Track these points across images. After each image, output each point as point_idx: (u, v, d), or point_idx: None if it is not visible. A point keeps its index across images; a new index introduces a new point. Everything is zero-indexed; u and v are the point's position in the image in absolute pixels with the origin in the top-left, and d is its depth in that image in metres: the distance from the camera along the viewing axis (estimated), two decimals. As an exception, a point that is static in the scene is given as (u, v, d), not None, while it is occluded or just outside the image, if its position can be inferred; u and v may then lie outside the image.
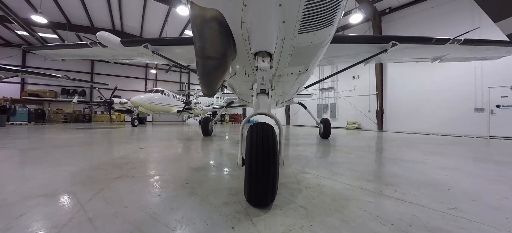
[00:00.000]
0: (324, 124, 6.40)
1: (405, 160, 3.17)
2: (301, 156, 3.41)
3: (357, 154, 3.63)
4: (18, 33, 17.85)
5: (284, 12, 1.53)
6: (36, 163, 2.71)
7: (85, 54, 6.96)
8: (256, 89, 1.63)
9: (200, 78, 2.68)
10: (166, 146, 4.30)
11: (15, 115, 13.39)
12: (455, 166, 2.83)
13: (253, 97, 1.65)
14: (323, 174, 2.32)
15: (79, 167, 2.52)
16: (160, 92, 15.02)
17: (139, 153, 3.49)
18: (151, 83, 27.21)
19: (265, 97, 1.60)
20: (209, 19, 1.61)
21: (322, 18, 1.68)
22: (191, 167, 2.54)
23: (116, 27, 18.06)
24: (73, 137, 6.10)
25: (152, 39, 5.15)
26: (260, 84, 1.60)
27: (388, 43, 4.38)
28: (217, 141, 5.45)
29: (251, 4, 1.43)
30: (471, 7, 10.49)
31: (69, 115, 19.51)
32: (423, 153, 3.92)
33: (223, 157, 3.32)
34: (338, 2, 1.59)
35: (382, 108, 13.37)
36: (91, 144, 4.47)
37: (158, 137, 6.31)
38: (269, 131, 1.48)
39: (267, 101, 1.55)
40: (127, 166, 2.57)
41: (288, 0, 1.43)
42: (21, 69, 13.91)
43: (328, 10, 1.61)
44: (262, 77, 1.58)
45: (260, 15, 1.47)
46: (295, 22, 1.66)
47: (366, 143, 5.46)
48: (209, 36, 1.81)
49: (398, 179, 2.13)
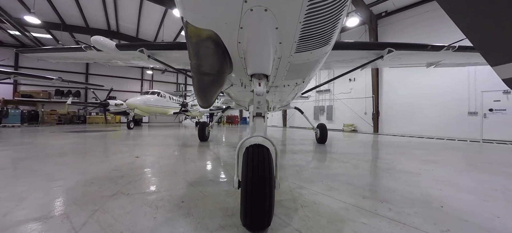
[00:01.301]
0: (320, 129, 6.43)
1: (400, 171, 3.21)
2: (298, 166, 3.42)
3: (353, 164, 3.66)
4: (11, 33, 17.51)
5: (281, 34, 1.53)
6: (28, 177, 2.66)
7: (80, 58, 6.87)
8: (252, 112, 1.63)
9: (196, 92, 2.68)
10: (161, 155, 4.27)
11: (7, 117, 13.13)
12: (449, 178, 2.87)
13: (249, 118, 1.65)
14: (319, 189, 2.33)
15: (73, 181, 2.49)
16: (156, 93, 14.90)
17: (134, 163, 3.46)
18: (147, 84, 26.98)
19: (261, 120, 1.60)
20: (205, 38, 1.60)
21: (319, 38, 1.69)
22: (187, 181, 2.53)
23: (112, 28, 17.87)
24: (67, 143, 6.01)
25: (147, 43, 5.11)
26: (256, 107, 1.60)
27: (384, 49, 4.44)
28: (213, 148, 5.44)
29: (247, 27, 1.43)
30: None
31: (63, 116, 19.22)
32: (418, 162, 3.97)
33: (219, 167, 3.31)
34: (335, 23, 1.60)
35: (378, 111, 13.51)
36: (85, 152, 4.41)
37: (153, 143, 6.26)
38: (264, 155, 1.48)
39: (263, 124, 1.55)
40: (122, 180, 2.54)
41: (285, 24, 1.43)
42: (13, 71, 13.64)
43: (325, 31, 1.62)
44: (258, 101, 1.58)
45: (256, 38, 1.47)
46: (292, 43, 1.67)
47: (361, 150, 5.50)
48: (204, 55, 1.80)
49: (393, 196, 2.16)
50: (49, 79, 10.99)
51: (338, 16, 1.52)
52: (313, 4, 1.27)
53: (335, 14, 1.46)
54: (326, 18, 1.43)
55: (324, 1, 1.27)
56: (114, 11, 15.52)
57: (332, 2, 1.29)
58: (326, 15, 1.40)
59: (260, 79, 1.62)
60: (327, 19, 1.46)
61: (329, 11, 1.38)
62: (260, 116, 1.62)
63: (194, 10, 1.43)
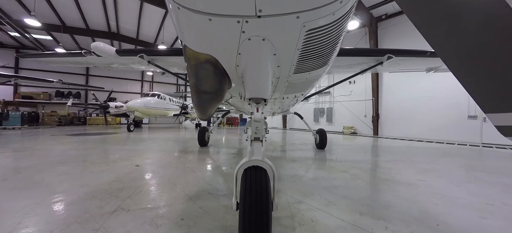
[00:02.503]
0: (320, 135, 6.46)
1: (398, 182, 3.23)
2: (297, 176, 3.45)
3: (351, 174, 3.68)
4: (11, 34, 17.54)
5: (279, 59, 1.56)
6: (30, 189, 2.69)
7: (80, 62, 6.94)
8: (250, 136, 1.66)
9: (195, 106, 2.71)
10: (161, 164, 4.30)
11: (8, 120, 13.17)
12: (446, 191, 2.89)
13: (247, 141, 1.67)
14: (317, 204, 2.36)
15: (74, 195, 2.52)
16: (156, 96, 14.93)
17: (135, 173, 3.49)
18: (147, 85, 27.03)
19: (259, 144, 1.63)
20: (203, 61, 1.63)
21: (317, 61, 1.72)
22: (187, 195, 2.55)
23: (112, 29, 17.89)
24: (67, 148, 6.04)
25: (147, 49, 5.15)
26: (254, 132, 1.63)
27: (383, 56, 4.49)
28: (213, 155, 5.47)
29: (245, 53, 1.46)
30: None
31: (63, 118, 19.25)
32: (416, 171, 3.99)
33: (219, 178, 3.34)
34: (333, 47, 1.63)
35: (378, 114, 13.52)
36: (86, 160, 4.44)
37: (153, 149, 6.30)
38: (262, 178, 1.50)
39: (262, 148, 1.57)
40: (122, 194, 2.57)
41: (283, 51, 1.46)
42: (14, 75, 13.67)
43: (323, 55, 1.65)
44: (256, 127, 1.60)
45: (254, 64, 1.49)
46: (290, 66, 1.70)
47: (361, 157, 5.53)
48: (203, 75, 1.83)
49: (390, 212, 2.18)
50: (49, 82, 11.02)
51: (336, 41, 1.54)
52: (311, 33, 1.30)
53: (333, 40, 1.49)
54: (323, 43, 1.46)
55: (321, 30, 1.29)
56: (114, 13, 15.53)
57: (329, 30, 1.32)
58: (323, 41, 1.42)
59: (258, 103, 1.65)
60: (325, 44, 1.48)
61: (327, 38, 1.41)
62: (258, 140, 1.65)
63: (193, 36, 1.45)
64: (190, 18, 1.21)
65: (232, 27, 1.19)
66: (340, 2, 1.11)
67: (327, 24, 1.23)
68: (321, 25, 1.22)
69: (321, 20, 1.18)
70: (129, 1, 13.83)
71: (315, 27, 1.23)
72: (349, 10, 1.29)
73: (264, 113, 1.71)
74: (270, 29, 1.21)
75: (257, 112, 1.60)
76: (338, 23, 1.29)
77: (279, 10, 1.08)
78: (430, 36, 0.80)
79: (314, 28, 1.24)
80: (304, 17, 1.13)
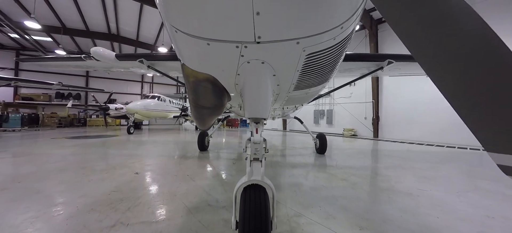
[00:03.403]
0: (320, 139, 6.46)
1: (398, 192, 3.22)
2: (297, 185, 3.44)
3: (351, 182, 3.68)
4: (11, 36, 17.53)
5: (278, 79, 1.55)
6: (29, 200, 2.68)
7: (79, 66, 6.96)
8: (249, 156, 1.65)
9: (195, 119, 2.70)
10: (161, 171, 4.30)
11: (8, 122, 13.17)
12: (446, 202, 2.89)
13: (247, 161, 1.67)
14: (317, 217, 2.35)
15: (73, 207, 2.51)
16: (156, 98, 14.93)
17: (134, 182, 3.48)
18: (147, 86, 27.02)
19: (258, 164, 1.62)
20: (202, 79, 1.63)
21: (318, 79, 1.71)
22: (186, 207, 2.55)
23: (112, 31, 17.89)
24: (68, 153, 6.04)
25: (147, 54, 5.16)
26: (253, 153, 1.62)
27: (384, 61, 4.48)
28: (213, 160, 5.46)
29: (244, 74, 1.45)
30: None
31: (63, 119, 19.26)
32: (417, 179, 3.98)
33: (218, 187, 3.33)
34: (333, 67, 1.62)
35: (378, 116, 13.51)
36: (85, 167, 4.43)
37: (153, 154, 6.29)
38: (262, 197, 1.50)
39: (261, 169, 1.57)
40: (122, 206, 2.56)
41: (282, 73, 1.45)
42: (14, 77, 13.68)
43: (323, 73, 1.64)
44: (255, 148, 1.60)
45: (253, 85, 1.49)
46: (289, 84, 1.69)
47: (361, 163, 5.52)
48: (202, 92, 1.82)
49: (389, 227, 2.17)
50: (49, 84, 11.02)
51: (337, 60, 1.54)
52: (311, 56, 1.29)
53: (334, 60, 1.48)
54: (324, 64, 1.45)
55: (322, 53, 1.28)
56: (114, 15, 15.53)
57: (330, 52, 1.31)
58: (324, 62, 1.42)
59: (257, 123, 1.64)
60: (326, 65, 1.48)
61: (328, 59, 1.40)
62: (257, 160, 1.64)
63: (191, 57, 1.45)
64: (188, 41, 1.20)
65: (230, 51, 1.19)
66: (341, 28, 1.11)
67: (327, 47, 1.22)
68: (321, 49, 1.22)
69: (321, 44, 1.18)
70: (129, 3, 13.82)
71: (316, 51, 1.22)
72: (351, 33, 1.28)
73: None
74: (269, 53, 1.21)
75: (256, 134, 1.59)
76: (339, 45, 1.29)
77: (278, 36, 1.08)
78: (435, 79, 0.79)
79: (314, 52, 1.23)
80: (304, 42, 1.13)
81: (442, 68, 0.76)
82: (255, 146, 1.59)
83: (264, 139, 1.63)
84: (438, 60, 0.77)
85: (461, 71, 0.75)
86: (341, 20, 1.06)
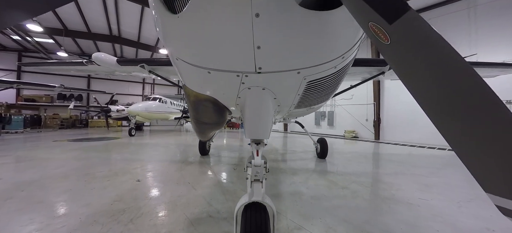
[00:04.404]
0: (321, 144, 6.47)
1: (399, 201, 3.23)
2: (297, 194, 3.45)
3: (352, 190, 3.69)
4: (13, 38, 17.61)
5: (279, 101, 1.56)
6: (32, 211, 2.71)
7: (81, 70, 7.02)
8: (250, 177, 1.67)
9: (196, 132, 2.73)
10: (162, 178, 4.33)
11: (10, 124, 13.26)
12: (447, 213, 2.89)
13: (247, 180, 1.68)
14: (317, 229, 2.37)
15: (76, 218, 2.54)
16: (157, 99, 14.98)
17: (136, 190, 3.51)
18: (148, 87, 27.09)
19: (259, 185, 1.64)
20: (203, 99, 1.64)
21: (319, 99, 1.72)
22: (188, 219, 2.57)
23: (113, 33, 17.95)
24: (70, 158, 6.08)
25: (148, 59, 5.19)
26: (254, 175, 1.64)
27: (385, 66, 4.50)
28: (214, 166, 5.48)
29: (245, 97, 1.47)
30: (468, 23, 10.68)
31: (65, 120, 19.36)
32: (418, 186, 3.99)
33: (219, 196, 3.35)
34: (334, 89, 1.63)
35: (379, 118, 13.48)
36: (87, 174, 4.47)
37: (154, 159, 6.33)
38: (262, 217, 1.51)
39: (261, 190, 1.58)
40: (124, 217, 2.59)
41: (283, 97, 1.46)
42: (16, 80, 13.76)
43: (324, 94, 1.65)
44: (256, 171, 1.61)
45: (253, 109, 1.50)
46: (290, 105, 1.70)
47: (362, 169, 5.52)
48: (203, 111, 1.84)
49: (390, 241, 2.18)
50: (51, 87, 11.09)
51: (338, 82, 1.55)
52: (312, 83, 1.30)
53: (335, 83, 1.50)
54: (325, 87, 1.46)
55: (322, 80, 1.29)
56: (115, 17, 15.57)
57: (330, 78, 1.32)
58: (325, 86, 1.43)
59: (258, 144, 1.65)
60: (327, 87, 1.49)
61: (328, 83, 1.41)
62: (258, 181, 1.66)
63: (192, 81, 1.46)
64: (189, 69, 1.22)
65: (231, 79, 1.20)
66: (342, 58, 1.12)
67: (328, 75, 1.24)
68: (322, 76, 1.23)
69: (322, 73, 1.19)
70: (130, 5, 13.85)
71: (317, 78, 1.24)
72: (353, 58, 1.29)
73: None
74: (270, 81, 1.22)
75: (257, 156, 1.61)
76: (340, 71, 1.30)
77: (279, 68, 1.09)
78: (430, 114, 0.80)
79: (315, 79, 1.24)
80: (305, 72, 1.14)
81: (443, 112, 0.78)
82: (256, 169, 1.61)
83: (265, 162, 1.65)
84: (437, 104, 0.78)
85: (461, 117, 0.76)
86: (343, 51, 1.07)
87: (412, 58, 0.68)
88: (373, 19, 0.66)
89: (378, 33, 0.68)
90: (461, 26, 10.84)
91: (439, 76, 0.67)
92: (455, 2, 11.06)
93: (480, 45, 10.23)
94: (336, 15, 0.87)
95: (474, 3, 10.55)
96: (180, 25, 0.94)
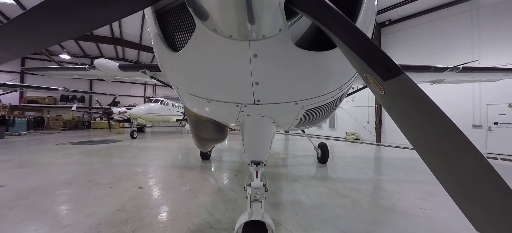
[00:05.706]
0: (321, 149, 6.48)
1: (399, 211, 3.24)
2: (297, 203, 3.47)
3: (352, 199, 3.70)
4: (17, 41, 17.79)
5: (279, 124, 1.59)
6: (36, 222, 2.76)
7: (83, 75, 7.09)
8: (249, 198, 1.69)
9: (196, 145, 2.76)
10: (164, 186, 4.36)
11: (14, 126, 13.41)
12: (446, 223, 2.90)
13: (247, 199, 1.71)
14: (317, 242, 2.39)
15: (80, 229, 2.59)
16: (159, 102, 15.05)
17: (138, 199, 3.55)
18: (150, 88, 27.22)
19: (258, 204, 1.67)
20: (204, 120, 1.68)
21: (317, 121, 1.75)
22: (189, 230, 2.60)
23: (115, 35, 18.07)
24: (72, 163, 6.15)
25: (150, 65, 5.24)
26: (253, 196, 1.67)
27: None
28: (216, 173, 5.50)
29: (244, 122, 1.49)
30: (471, 24, 10.60)
31: (68, 122, 19.53)
32: (418, 195, 3.99)
33: (220, 205, 3.37)
34: (332, 111, 1.65)
35: (381, 121, 13.45)
36: (91, 180, 4.53)
37: (156, 163, 6.39)
38: (261, 233, 1.54)
39: (261, 209, 1.61)
40: (126, 228, 2.63)
41: (282, 122, 1.49)
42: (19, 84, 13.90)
43: (323, 117, 1.67)
44: (256, 192, 1.64)
45: (253, 132, 1.52)
46: (289, 126, 1.73)
47: (362, 175, 5.52)
48: (203, 129, 1.87)
49: (389, 256, 2.20)
50: (54, 90, 11.21)
51: (336, 107, 1.57)
52: (310, 111, 1.32)
53: (333, 108, 1.52)
54: (322, 113, 1.48)
55: (321, 108, 1.32)
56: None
57: (328, 106, 1.34)
58: (323, 111, 1.45)
59: (258, 165, 1.68)
60: (324, 112, 1.51)
61: (326, 109, 1.43)
62: (257, 201, 1.69)
63: (192, 106, 1.49)
64: (189, 97, 1.25)
65: (231, 108, 1.23)
66: (339, 89, 1.14)
67: (326, 103, 1.26)
68: (320, 105, 1.25)
69: (320, 103, 1.21)
70: (132, 8, 13.93)
71: (315, 107, 1.26)
72: (350, 87, 1.31)
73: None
74: (268, 110, 1.24)
75: (256, 178, 1.64)
76: (338, 99, 1.32)
77: (277, 100, 1.11)
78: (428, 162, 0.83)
79: (313, 108, 1.26)
80: (303, 103, 1.16)
81: (433, 158, 0.80)
82: (255, 190, 1.64)
83: (264, 184, 1.67)
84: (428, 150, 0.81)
85: (445, 159, 0.79)
86: (340, 84, 1.09)
87: (403, 112, 0.71)
88: (368, 72, 0.68)
89: (373, 84, 0.71)
90: (463, 29, 10.78)
91: (429, 130, 0.70)
92: (458, 4, 11.00)
93: (482, 47, 10.18)
94: (333, 55, 0.89)
95: (477, 5, 10.49)
96: (180, 62, 0.97)
